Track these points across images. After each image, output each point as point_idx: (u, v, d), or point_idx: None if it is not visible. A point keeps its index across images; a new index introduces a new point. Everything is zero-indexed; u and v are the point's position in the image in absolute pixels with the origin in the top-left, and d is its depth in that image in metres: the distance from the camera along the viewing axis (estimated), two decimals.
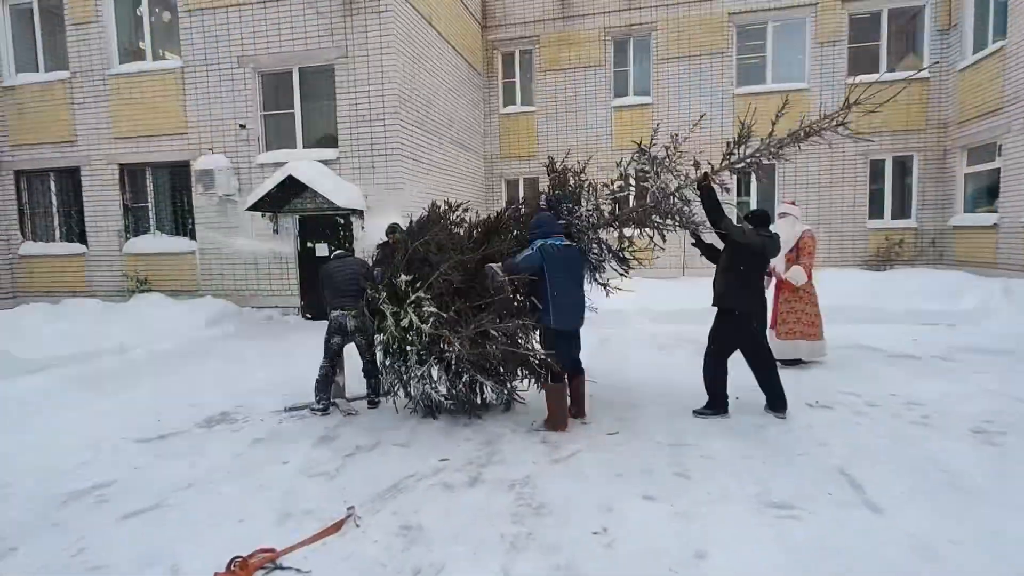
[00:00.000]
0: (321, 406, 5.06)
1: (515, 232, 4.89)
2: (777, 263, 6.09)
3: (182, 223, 10.86)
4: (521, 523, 3.06)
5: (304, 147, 10.16)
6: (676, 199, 4.73)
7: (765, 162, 4.68)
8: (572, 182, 5.00)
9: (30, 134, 11.05)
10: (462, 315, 4.41)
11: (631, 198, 5.05)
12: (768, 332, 6.14)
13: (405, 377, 4.67)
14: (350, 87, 9.71)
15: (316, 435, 4.49)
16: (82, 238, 11.17)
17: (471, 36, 13.45)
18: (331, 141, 10.04)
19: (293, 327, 9.53)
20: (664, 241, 4.85)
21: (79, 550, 2.93)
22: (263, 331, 9.41)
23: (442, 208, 5.01)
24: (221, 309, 9.68)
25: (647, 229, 4.88)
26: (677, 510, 3.14)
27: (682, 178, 4.74)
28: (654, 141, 4.84)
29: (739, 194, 12.99)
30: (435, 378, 4.68)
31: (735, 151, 4.61)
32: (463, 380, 4.72)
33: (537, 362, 4.52)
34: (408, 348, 4.59)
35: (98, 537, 3.05)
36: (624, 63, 13.61)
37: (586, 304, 4.65)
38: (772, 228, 4.74)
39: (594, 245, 4.94)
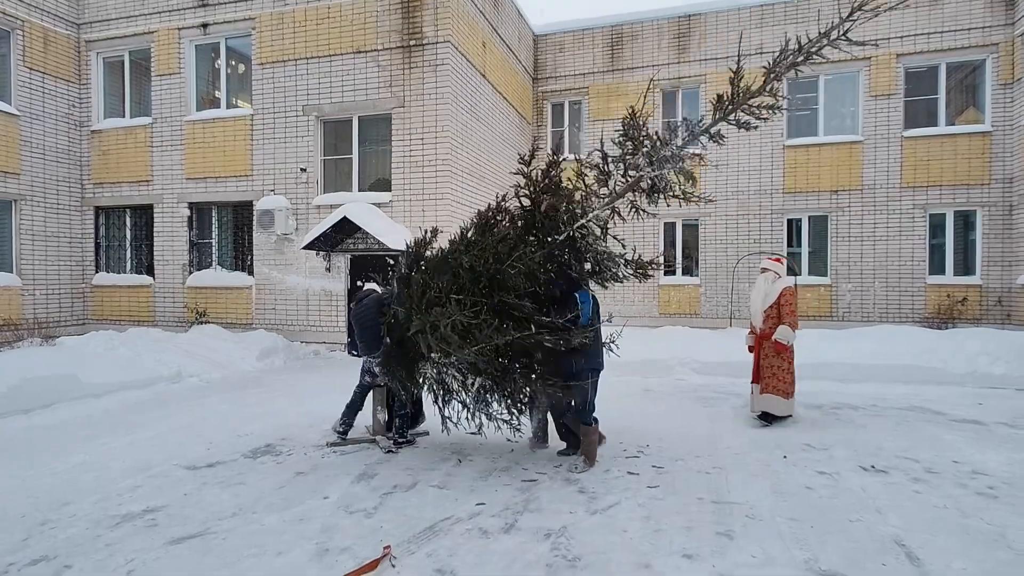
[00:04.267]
0: (340, 430, 5.27)
1: (530, 240, 4.65)
2: (755, 318, 6.03)
3: (242, 259, 11.42)
4: (556, 575, 3.01)
5: (359, 190, 10.65)
6: (671, 157, 4.67)
7: (766, 107, 4.64)
8: (554, 174, 4.78)
9: (111, 173, 11.96)
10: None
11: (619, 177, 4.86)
12: (752, 387, 6.10)
13: (461, 396, 4.64)
14: (406, 135, 10.17)
15: (356, 472, 4.55)
16: (150, 271, 11.86)
17: (522, 87, 13.93)
18: (385, 185, 10.48)
19: (338, 363, 9.76)
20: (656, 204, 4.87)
21: (128, 572, 3.04)
22: (310, 365, 9.69)
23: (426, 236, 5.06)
24: (272, 343, 10.03)
25: (643, 188, 4.75)
26: (719, 571, 3.02)
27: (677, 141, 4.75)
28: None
29: (790, 244, 12.75)
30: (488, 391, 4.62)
31: (729, 106, 4.62)
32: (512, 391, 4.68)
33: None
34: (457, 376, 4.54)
35: (146, 560, 3.16)
36: (673, 113, 13.78)
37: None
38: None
39: (602, 248, 4.82)
